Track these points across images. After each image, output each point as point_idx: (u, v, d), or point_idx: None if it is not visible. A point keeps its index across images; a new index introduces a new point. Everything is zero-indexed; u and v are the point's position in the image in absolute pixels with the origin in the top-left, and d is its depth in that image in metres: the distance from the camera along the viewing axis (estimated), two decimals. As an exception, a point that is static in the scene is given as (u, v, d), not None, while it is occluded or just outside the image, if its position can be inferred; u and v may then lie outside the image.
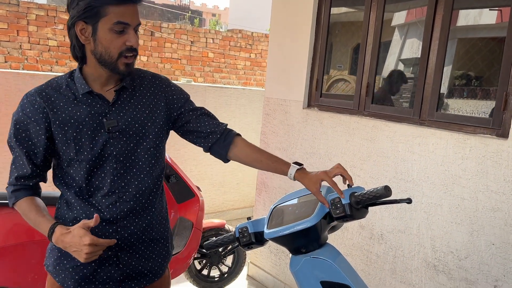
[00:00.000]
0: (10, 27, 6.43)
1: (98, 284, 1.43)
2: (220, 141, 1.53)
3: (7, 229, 2.35)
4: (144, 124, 1.44)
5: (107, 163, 1.39)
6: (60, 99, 1.37)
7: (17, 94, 3.48)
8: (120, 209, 1.40)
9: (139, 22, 1.35)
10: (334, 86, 3.26)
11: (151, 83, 1.49)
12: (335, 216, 1.42)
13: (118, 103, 1.41)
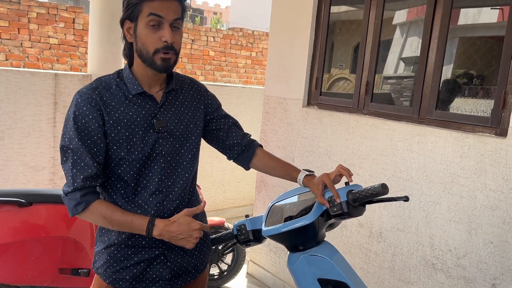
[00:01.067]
0: (11, 25, 6.44)
1: (148, 283, 1.46)
2: (244, 152, 1.64)
3: (7, 227, 2.36)
4: (188, 126, 1.49)
5: (155, 162, 1.41)
6: (111, 98, 1.38)
7: (18, 92, 3.49)
8: (167, 207, 1.44)
9: (177, 17, 1.33)
10: (336, 85, 3.26)
11: (190, 87, 1.55)
12: (332, 213, 1.43)
13: (165, 104, 1.44)
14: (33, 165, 3.65)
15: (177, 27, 1.35)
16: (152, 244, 1.44)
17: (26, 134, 3.58)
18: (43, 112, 3.63)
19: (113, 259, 1.43)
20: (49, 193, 2.55)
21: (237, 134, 1.63)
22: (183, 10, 1.38)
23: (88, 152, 1.33)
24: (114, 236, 1.43)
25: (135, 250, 1.43)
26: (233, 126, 1.63)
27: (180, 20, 1.35)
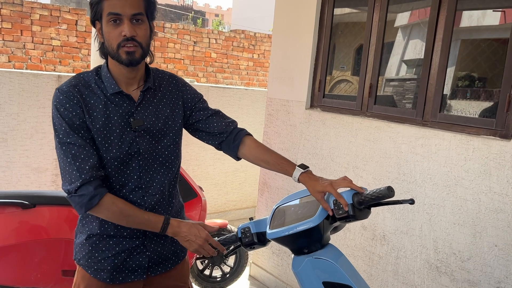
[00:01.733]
0: (14, 27, 6.46)
1: (128, 272, 1.50)
2: (229, 141, 1.58)
3: (10, 228, 2.36)
4: (166, 123, 1.50)
5: (133, 160, 1.44)
6: (91, 96, 1.39)
7: (21, 94, 3.50)
8: (148, 202, 1.47)
9: (136, 12, 1.33)
10: (337, 87, 3.26)
11: (169, 83, 1.55)
12: (337, 216, 1.42)
13: (143, 103, 1.46)
14: (36, 167, 3.65)
15: (140, 21, 1.35)
16: (132, 235, 1.47)
17: (29, 135, 3.59)
18: (46, 113, 3.63)
19: (94, 249, 1.45)
20: (52, 195, 2.55)
21: (219, 123, 1.58)
22: (148, 5, 1.37)
23: (85, 142, 1.35)
24: (96, 226, 1.44)
25: (116, 240, 1.46)
26: (213, 115, 1.59)
27: (141, 15, 1.35)
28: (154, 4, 1.41)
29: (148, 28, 1.38)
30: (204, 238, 1.42)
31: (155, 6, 1.43)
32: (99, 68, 1.45)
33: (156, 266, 1.55)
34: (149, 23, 1.40)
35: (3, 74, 3.44)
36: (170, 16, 19.75)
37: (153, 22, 1.45)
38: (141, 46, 1.36)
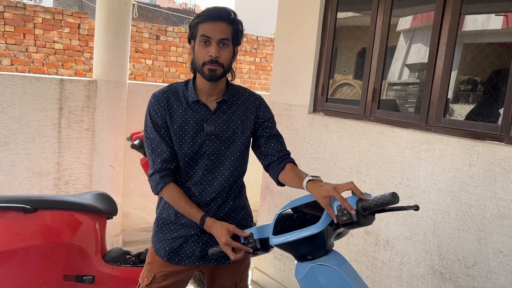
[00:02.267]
0: (17, 30, 6.47)
1: (182, 257, 1.75)
2: (275, 164, 1.75)
3: (12, 233, 2.35)
4: (235, 132, 1.73)
5: (201, 159, 1.70)
6: (175, 102, 1.70)
7: (23, 98, 3.50)
8: (204, 198, 1.72)
9: (224, 37, 1.59)
10: (339, 91, 3.24)
11: (247, 99, 1.78)
12: (341, 223, 1.41)
13: (217, 112, 1.71)
14: (37, 170, 3.64)
15: (225, 45, 1.60)
16: (189, 225, 1.73)
17: (31, 139, 3.58)
18: (48, 117, 3.63)
19: (159, 230, 1.77)
20: (54, 199, 2.53)
21: (274, 146, 1.77)
22: (235, 33, 1.63)
23: (162, 139, 1.66)
24: (162, 211, 1.76)
25: (176, 227, 1.74)
26: (273, 137, 1.78)
27: (227, 40, 1.60)
28: (241, 32, 1.67)
29: (231, 51, 1.64)
30: (223, 243, 1.58)
31: (242, 34, 1.69)
32: (188, 80, 1.74)
33: (208, 257, 1.73)
34: (233, 47, 1.65)
35: (6, 78, 3.43)
36: (172, 19, 19.79)
37: (236, 47, 1.69)
38: (222, 66, 1.61)
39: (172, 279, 1.76)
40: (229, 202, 1.77)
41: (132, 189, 4.20)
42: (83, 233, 2.54)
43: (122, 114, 3.92)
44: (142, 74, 7.66)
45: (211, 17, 1.59)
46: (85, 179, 3.88)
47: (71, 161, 3.79)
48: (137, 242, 4.21)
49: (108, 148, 3.85)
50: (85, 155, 3.85)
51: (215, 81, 1.64)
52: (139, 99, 4.13)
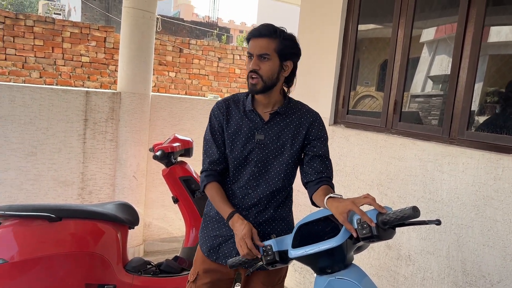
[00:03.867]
0: (46, 44, 6.69)
1: (220, 255, 1.84)
2: (312, 184, 1.78)
3: (38, 241, 2.41)
4: (284, 144, 1.79)
5: (249, 165, 1.80)
6: (234, 109, 1.82)
7: (50, 109, 3.61)
8: (246, 201, 1.81)
9: (263, 52, 1.69)
10: (361, 103, 3.23)
11: (302, 114, 1.84)
12: (361, 236, 1.39)
13: (270, 123, 1.80)
14: (63, 180, 3.73)
15: (266, 59, 1.71)
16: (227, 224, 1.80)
17: (57, 149, 3.68)
18: (74, 128, 3.73)
19: (205, 226, 1.90)
20: (78, 209, 2.59)
21: (315, 166, 1.78)
22: (279, 46, 1.71)
23: (214, 142, 1.82)
24: (208, 208, 1.90)
25: (218, 225, 1.85)
26: (318, 157, 1.79)
27: (267, 55, 1.70)
28: (289, 46, 1.75)
29: (273, 65, 1.72)
30: (240, 236, 1.66)
31: (291, 48, 1.76)
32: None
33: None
34: (280, 61, 1.73)
35: (34, 90, 3.55)
36: (195, 32, 20.10)
37: (289, 61, 1.77)
38: (261, 78, 1.71)
39: (213, 276, 1.85)
40: (270, 211, 1.83)
41: (153, 200, 4.25)
42: (105, 243, 2.58)
43: (145, 125, 4.00)
44: (165, 86, 7.79)
45: (252, 34, 1.73)
46: (108, 189, 3.95)
47: (95, 171, 3.88)
48: (158, 252, 4.25)
49: (130, 158, 3.92)
50: (109, 165, 3.93)
51: (256, 93, 1.74)
52: (161, 111, 4.20)
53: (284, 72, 1.78)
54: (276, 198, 1.83)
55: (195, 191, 3.05)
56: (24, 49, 6.53)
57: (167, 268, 2.89)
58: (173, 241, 4.37)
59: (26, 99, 3.50)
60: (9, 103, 3.44)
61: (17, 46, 6.47)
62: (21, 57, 6.51)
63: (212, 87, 8.23)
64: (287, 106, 1.83)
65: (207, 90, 8.12)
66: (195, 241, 3.08)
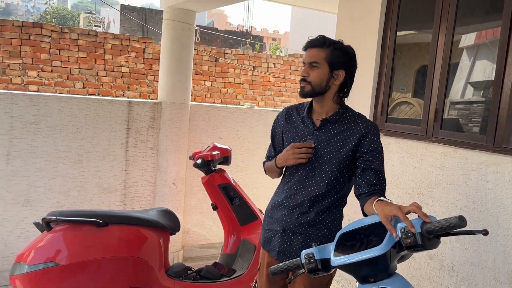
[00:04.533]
0: (89, 56, 6.98)
1: (268, 248, 2.02)
2: (364, 196, 1.81)
3: (86, 245, 2.52)
4: (331, 151, 1.88)
5: (300, 167, 1.93)
6: (295, 115, 2.03)
7: (95, 119, 3.77)
8: (291, 201, 1.94)
9: (313, 60, 1.86)
10: (397, 109, 3.20)
11: (356, 125, 1.90)
12: (405, 245, 1.39)
13: (321, 130, 1.92)
14: (106, 187, 3.88)
15: (315, 67, 1.86)
16: (278, 221, 1.98)
17: (102, 157, 3.83)
18: (117, 137, 3.88)
19: (265, 221, 2.08)
20: (124, 215, 2.69)
21: (368, 179, 1.81)
22: (329, 55, 1.85)
23: (272, 142, 2.13)
24: (269, 205, 2.07)
25: (272, 220, 2.01)
26: (371, 171, 1.82)
27: (316, 63, 1.85)
28: (337, 57, 1.87)
29: (322, 72, 1.86)
30: (291, 148, 1.89)
31: (342, 57, 1.88)
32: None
33: (283, 256, 1.94)
34: (330, 69, 1.86)
35: (81, 101, 3.72)
36: (229, 41, 20.39)
37: (340, 71, 1.88)
38: (310, 84, 1.87)
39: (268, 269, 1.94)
40: (312, 214, 1.91)
41: (192, 206, 4.34)
42: (148, 248, 2.67)
43: (184, 134, 4.10)
44: (201, 95, 7.94)
45: (306, 45, 1.90)
46: (149, 195, 4.07)
47: (137, 178, 4.01)
48: (196, 258, 4.32)
49: (170, 166, 4.03)
50: (150, 173, 4.05)
51: (304, 96, 1.91)
52: (199, 120, 4.30)
53: (335, 80, 1.88)
54: (320, 203, 1.91)
55: (234, 198, 3.11)
56: (69, 61, 6.84)
57: (207, 274, 2.95)
58: (211, 248, 4.44)
59: (73, 109, 3.67)
60: (58, 113, 3.62)
61: (63, 58, 6.79)
62: (66, 68, 6.82)
63: (247, 95, 8.32)
64: (341, 115, 1.91)
65: (242, 99, 8.22)
66: (234, 247, 3.13)
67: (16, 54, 6.36)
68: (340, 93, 1.95)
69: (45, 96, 3.65)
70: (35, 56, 6.54)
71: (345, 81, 1.91)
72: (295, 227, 1.94)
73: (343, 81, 1.90)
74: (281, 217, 1.96)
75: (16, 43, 6.35)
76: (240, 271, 3.00)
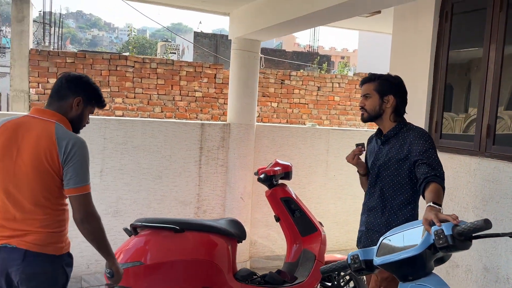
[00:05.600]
0: (166, 83, 7.69)
1: (361, 245, 2.46)
2: (422, 185, 2.07)
3: (165, 248, 2.90)
4: (387, 162, 2.31)
5: (370, 173, 2.46)
6: (375, 138, 2.48)
7: (173, 139, 4.25)
8: (368, 203, 2.45)
9: (365, 93, 2.34)
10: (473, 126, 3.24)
11: (408, 135, 2.28)
12: (438, 246, 1.57)
13: (383, 145, 2.37)
14: (182, 200, 4.32)
15: (368, 97, 2.34)
16: (362, 223, 2.49)
17: (178, 174, 4.30)
18: (191, 155, 4.33)
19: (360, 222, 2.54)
20: (197, 223, 3.07)
21: (421, 171, 2.10)
22: (377, 86, 2.31)
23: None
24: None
25: (361, 222, 2.50)
26: (424, 164, 2.11)
27: (368, 94, 2.33)
28: (384, 86, 2.31)
29: (374, 100, 2.32)
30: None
31: (388, 86, 2.32)
32: None
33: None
34: (380, 97, 2.30)
35: (161, 124, 4.24)
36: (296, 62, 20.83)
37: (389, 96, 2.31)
38: (366, 111, 2.35)
39: None
40: (380, 218, 2.35)
41: (258, 219, 4.65)
42: (218, 253, 3.01)
43: (250, 152, 4.46)
44: (268, 116, 8.33)
45: (361, 82, 2.40)
46: (219, 208, 4.46)
47: (208, 193, 4.42)
48: (263, 268, 4.60)
49: (238, 182, 4.39)
50: (220, 187, 4.45)
51: (364, 121, 2.41)
52: (264, 139, 4.64)
53: (387, 104, 2.31)
54: (387, 208, 2.34)
55: (295, 211, 3.37)
56: (149, 88, 7.58)
57: (270, 279, 3.22)
58: (276, 259, 4.70)
59: (154, 131, 4.18)
60: (141, 135, 4.15)
61: (144, 85, 7.55)
62: (147, 95, 7.57)
63: (312, 115, 8.57)
64: (397, 130, 2.31)
65: (307, 118, 8.48)
66: (295, 256, 3.37)
67: (105, 83, 7.20)
68: (396, 113, 2.33)
69: (131, 120, 4.20)
70: (121, 85, 7.35)
71: (396, 103, 2.31)
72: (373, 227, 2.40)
73: (394, 103, 2.31)
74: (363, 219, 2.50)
75: (105, 74, 7.20)
76: (301, 279, 3.23)
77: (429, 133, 2.44)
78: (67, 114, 2.03)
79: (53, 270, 1.97)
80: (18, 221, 1.92)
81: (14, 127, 1.95)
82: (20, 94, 6.93)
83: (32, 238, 1.91)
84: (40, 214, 1.93)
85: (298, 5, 3.33)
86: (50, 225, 1.95)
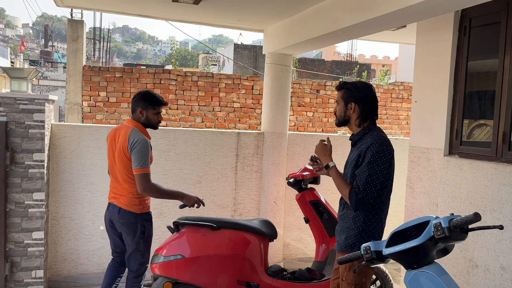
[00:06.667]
0: (206, 94, 8.14)
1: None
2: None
3: (204, 243, 3.24)
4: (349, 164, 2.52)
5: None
6: None
7: (212, 147, 4.62)
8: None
9: (336, 100, 2.55)
10: (476, 131, 3.40)
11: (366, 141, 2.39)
12: (437, 237, 1.80)
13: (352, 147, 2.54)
14: (220, 203, 4.67)
15: (337, 103, 2.51)
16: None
17: (216, 179, 4.65)
18: (228, 162, 4.67)
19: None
20: (232, 221, 3.40)
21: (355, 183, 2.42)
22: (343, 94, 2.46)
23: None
24: None
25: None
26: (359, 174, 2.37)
27: (337, 101, 2.52)
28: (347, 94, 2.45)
29: (340, 107, 2.48)
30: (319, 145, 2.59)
31: (351, 94, 2.44)
32: None
33: None
34: (345, 104, 2.46)
35: (201, 133, 4.62)
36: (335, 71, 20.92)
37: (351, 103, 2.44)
38: (336, 117, 2.53)
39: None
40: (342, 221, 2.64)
41: (291, 223, 4.92)
42: (251, 249, 3.31)
43: (283, 159, 4.76)
44: (303, 125, 8.60)
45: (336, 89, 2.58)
46: (254, 212, 4.77)
47: (244, 197, 4.74)
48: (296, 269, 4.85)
49: (272, 187, 4.69)
50: (255, 192, 4.76)
51: (337, 126, 2.57)
52: (296, 147, 4.93)
53: (351, 111, 2.44)
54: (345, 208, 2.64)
55: (323, 213, 3.62)
56: (190, 99, 8.06)
57: (300, 276, 3.49)
58: (308, 261, 4.93)
59: (195, 140, 4.57)
60: (184, 143, 4.54)
61: (185, 97, 8.04)
62: (188, 106, 8.05)
63: (347, 124, 8.75)
64: (361, 135, 2.44)
65: (339, 128, 8.67)
66: (324, 255, 3.62)
67: (150, 96, 7.74)
68: (362, 119, 2.44)
69: (174, 130, 4.61)
70: (165, 97, 7.84)
71: (360, 110, 2.43)
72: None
73: (357, 110, 2.43)
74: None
75: (150, 87, 7.74)
76: (329, 276, 3.46)
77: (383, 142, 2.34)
78: (139, 120, 3.09)
79: (134, 222, 3.03)
80: (116, 189, 3.06)
81: (115, 131, 3.10)
82: (74, 106, 7.60)
83: (122, 200, 3.03)
84: (126, 185, 3.02)
85: (325, 24, 3.61)
86: (132, 192, 3.02)
